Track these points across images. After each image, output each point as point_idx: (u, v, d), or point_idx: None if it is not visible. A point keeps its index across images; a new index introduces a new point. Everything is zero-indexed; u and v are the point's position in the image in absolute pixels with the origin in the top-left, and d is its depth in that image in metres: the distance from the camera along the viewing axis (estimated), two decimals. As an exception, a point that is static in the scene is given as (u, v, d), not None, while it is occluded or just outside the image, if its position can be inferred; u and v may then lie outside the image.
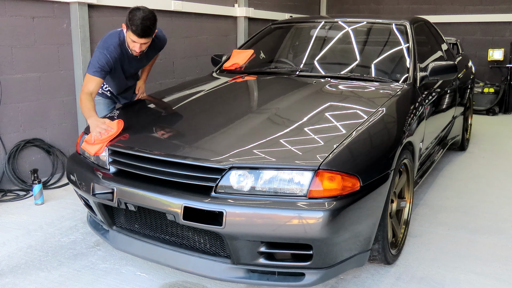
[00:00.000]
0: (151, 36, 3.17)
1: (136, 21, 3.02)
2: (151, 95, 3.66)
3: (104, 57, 3.17)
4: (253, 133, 2.56)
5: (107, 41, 3.24)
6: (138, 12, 3.04)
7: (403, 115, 2.95)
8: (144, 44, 3.17)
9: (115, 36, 3.26)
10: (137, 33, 3.06)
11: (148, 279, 2.69)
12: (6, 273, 2.77)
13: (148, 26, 3.06)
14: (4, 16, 3.92)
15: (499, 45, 8.01)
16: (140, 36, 3.09)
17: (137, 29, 3.04)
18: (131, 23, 3.04)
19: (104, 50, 3.19)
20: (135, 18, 3.02)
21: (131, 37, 3.11)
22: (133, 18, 3.03)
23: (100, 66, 3.15)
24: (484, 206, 3.78)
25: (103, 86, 3.58)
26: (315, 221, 2.09)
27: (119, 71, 3.39)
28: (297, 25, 4.49)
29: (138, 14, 3.03)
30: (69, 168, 2.85)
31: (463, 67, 5.03)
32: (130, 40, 3.15)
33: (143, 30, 3.06)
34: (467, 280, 2.70)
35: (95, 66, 3.15)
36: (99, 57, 3.17)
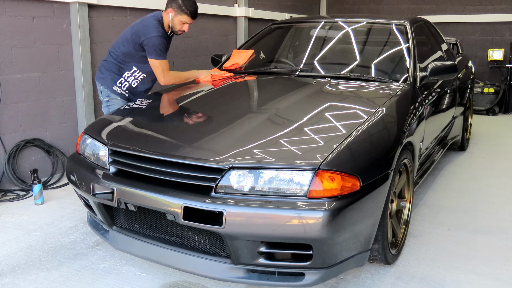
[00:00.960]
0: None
1: (191, 6, 3.61)
2: (151, 95, 3.66)
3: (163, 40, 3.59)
4: (253, 133, 2.56)
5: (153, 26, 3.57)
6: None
7: (403, 115, 2.95)
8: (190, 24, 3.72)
9: (155, 21, 3.60)
10: (192, 15, 3.63)
11: (148, 279, 2.69)
12: (6, 273, 2.78)
13: (197, 9, 3.68)
14: (4, 16, 3.92)
15: (499, 45, 8.01)
16: (193, 18, 3.66)
17: (191, 12, 3.62)
18: (186, 8, 3.58)
19: (158, 33, 3.56)
20: (189, 4, 3.59)
21: (184, 19, 3.62)
22: (187, 4, 3.59)
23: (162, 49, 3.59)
24: (484, 206, 3.78)
25: (121, 86, 3.71)
26: (315, 221, 2.09)
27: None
28: (297, 25, 4.49)
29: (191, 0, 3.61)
30: (69, 168, 2.85)
31: (463, 67, 5.03)
32: (180, 22, 3.63)
33: (196, 13, 3.66)
34: (467, 280, 2.70)
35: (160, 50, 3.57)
36: (158, 42, 3.55)
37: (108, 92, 3.74)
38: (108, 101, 3.76)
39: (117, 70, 3.70)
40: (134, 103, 3.33)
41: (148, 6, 5.06)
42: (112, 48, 3.76)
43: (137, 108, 3.27)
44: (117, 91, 3.72)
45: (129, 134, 2.79)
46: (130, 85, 3.73)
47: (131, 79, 3.70)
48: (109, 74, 3.72)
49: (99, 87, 3.82)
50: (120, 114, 3.14)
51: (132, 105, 3.29)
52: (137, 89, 3.77)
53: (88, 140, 2.83)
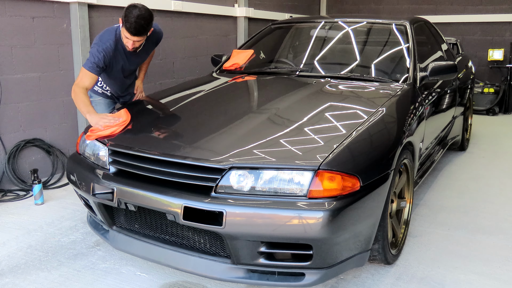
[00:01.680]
0: (145, 34, 3.18)
1: (131, 19, 3.02)
2: (151, 95, 3.66)
3: (99, 54, 3.17)
4: (253, 133, 2.56)
5: (104, 37, 3.24)
6: (134, 10, 3.04)
7: (403, 115, 2.95)
8: (138, 41, 3.18)
9: (111, 33, 3.26)
10: (130, 31, 3.07)
11: (148, 279, 2.69)
12: (6, 273, 2.77)
13: (142, 25, 3.07)
14: (4, 16, 3.92)
15: (499, 45, 8.01)
16: (133, 34, 3.10)
17: (130, 26, 3.05)
18: (126, 20, 3.04)
19: (99, 46, 3.19)
20: (130, 16, 3.02)
21: (125, 33, 3.12)
22: (128, 15, 3.03)
23: (95, 62, 3.15)
24: (484, 206, 3.78)
25: (103, 86, 3.58)
26: (315, 221, 2.09)
27: (116, 68, 3.38)
28: (297, 25, 4.49)
29: (134, 12, 3.03)
30: (69, 168, 2.85)
31: (463, 67, 5.03)
32: (124, 36, 3.16)
33: (136, 29, 3.06)
34: (467, 280, 2.70)
35: (90, 61, 3.16)
36: (94, 54, 3.17)
37: (90, 92, 3.62)
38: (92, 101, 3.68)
39: None
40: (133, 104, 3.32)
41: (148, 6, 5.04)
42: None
43: (137, 108, 3.27)
44: (98, 90, 3.62)
45: (129, 134, 2.79)
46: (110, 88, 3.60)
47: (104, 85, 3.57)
48: None
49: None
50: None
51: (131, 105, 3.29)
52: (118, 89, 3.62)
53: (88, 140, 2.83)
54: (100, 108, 3.63)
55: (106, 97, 3.64)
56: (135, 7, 3.06)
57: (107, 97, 3.65)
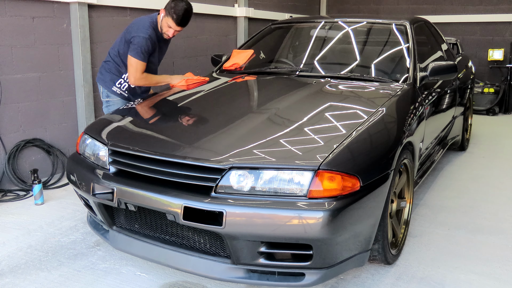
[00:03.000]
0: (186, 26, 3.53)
1: (180, 11, 3.40)
2: (150, 95, 3.66)
3: (147, 41, 3.47)
4: (253, 133, 2.56)
5: (143, 25, 3.50)
6: (181, 3, 3.42)
7: (403, 115, 2.95)
8: (178, 31, 3.56)
9: (148, 22, 3.52)
10: (177, 21, 3.44)
11: (148, 279, 2.69)
12: (6, 273, 2.77)
13: (188, 18, 3.47)
14: (4, 16, 3.92)
15: (499, 45, 8.01)
16: (179, 25, 3.47)
17: (178, 18, 3.43)
18: (174, 11, 3.39)
19: (145, 34, 3.47)
20: (179, 8, 3.40)
21: (170, 23, 3.45)
22: (177, 7, 3.40)
23: (146, 50, 3.48)
24: (484, 206, 3.78)
25: (120, 87, 3.70)
26: (315, 221, 2.09)
27: (154, 56, 3.63)
28: (297, 25, 4.49)
29: (181, 5, 3.41)
30: (69, 168, 2.85)
31: (463, 67, 5.03)
32: (166, 25, 3.48)
33: (183, 20, 3.46)
34: (467, 280, 2.70)
35: (140, 51, 3.46)
36: (142, 42, 3.46)
37: (108, 93, 3.75)
38: (108, 101, 3.77)
39: (115, 71, 3.71)
40: (134, 103, 3.32)
41: (148, 6, 5.06)
42: (111, 48, 3.78)
43: (137, 108, 3.27)
44: (116, 91, 3.73)
45: (129, 134, 2.79)
46: (129, 86, 3.72)
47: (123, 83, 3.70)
48: (108, 75, 3.74)
49: (99, 88, 3.85)
50: (120, 114, 3.14)
51: (132, 105, 3.29)
52: (136, 90, 3.77)
53: (88, 140, 2.83)
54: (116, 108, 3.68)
55: (123, 98, 3.74)
56: (182, 0, 3.43)
57: (124, 98, 3.75)
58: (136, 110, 3.22)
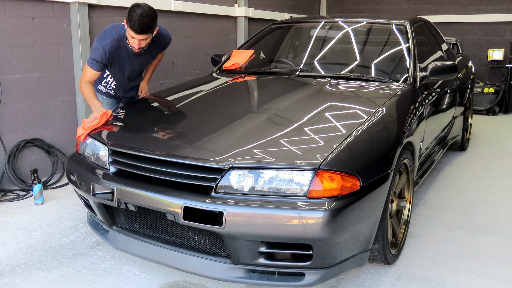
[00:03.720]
0: (150, 33, 3.17)
1: (134, 17, 3.04)
2: (151, 95, 3.66)
3: (98, 50, 3.21)
4: (253, 133, 2.56)
5: (106, 34, 3.28)
6: (137, 9, 3.06)
7: (403, 115, 2.95)
8: (143, 40, 3.19)
9: (114, 31, 3.28)
10: (134, 29, 3.08)
11: (148, 279, 2.69)
12: (6, 273, 2.77)
13: (146, 23, 3.08)
14: (4, 16, 3.92)
15: (499, 45, 8.01)
16: (138, 33, 3.10)
17: (134, 25, 3.06)
18: (130, 19, 3.06)
19: (99, 43, 3.23)
20: (134, 14, 3.04)
21: (130, 33, 3.13)
22: (131, 14, 3.05)
23: (95, 58, 3.22)
24: (484, 206, 3.78)
25: (107, 85, 3.58)
26: (315, 221, 2.09)
27: (118, 67, 3.38)
28: (297, 25, 4.49)
29: (137, 11, 3.05)
30: (69, 168, 2.85)
31: (463, 67, 5.03)
32: (129, 36, 3.17)
33: (141, 27, 3.07)
34: (467, 280, 2.70)
35: (91, 57, 3.23)
36: (94, 49, 3.23)
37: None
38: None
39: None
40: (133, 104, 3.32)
41: (148, 6, 5.06)
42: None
43: (137, 108, 3.27)
44: (102, 90, 3.61)
45: (129, 134, 2.79)
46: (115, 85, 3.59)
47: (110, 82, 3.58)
48: None
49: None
50: (120, 114, 3.14)
51: (132, 105, 3.29)
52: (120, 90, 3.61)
53: (88, 140, 2.83)
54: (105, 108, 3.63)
55: (110, 96, 3.65)
56: (138, 6, 3.09)
57: (111, 97, 3.65)
58: (136, 110, 3.22)
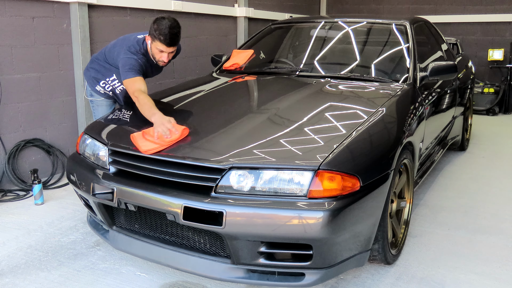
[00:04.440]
0: (178, 43, 3.18)
1: (165, 30, 3.00)
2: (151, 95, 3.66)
3: (136, 61, 3.14)
4: (253, 133, 2.56)
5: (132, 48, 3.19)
6: (164, 21, 3.03)
7: (403, 115, 2.95)
8: (172, 53, 3.18)
9: (136, 45, 3.22)
10: (166, 42, 3.05)
11: (148, 279, 2.69)
12: (6, 273, 2.77)
13: (176, 34, 3.07)
14: (4, 16, 3.92)
15: (499, 45, 8.01)
16: (169, 45, 3.09)
17: (166, 38, 3.03)
18: (159, 33, 3.01)
19: (135, 56, 3.16)
20: (163, 28, 3.00)
21: (159, 47, 3.09)
22: (160, 28, 3.01)
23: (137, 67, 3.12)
24: (484, 206, 3.78)
25: (105, 86, 3.56)
26: (315, 221, 2.09)
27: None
28: (297, 25, 4.49)
29: (165, 23, 3.01)
30: (69, 168, 2.85)
31: (463, 67, 5.03)
32: (157, 50, 3.12)
33: (172, 39, 3.06)
34: (467, 280, 2.70)
35: (133, 69, 3.11)
36: (132, 62, 3.13)
37: (91, 92, 3.63)
38: (92, 101, 3.66)
39: (101, 71, 3.54)
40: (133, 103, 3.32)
41: (148, 6, 5.06)
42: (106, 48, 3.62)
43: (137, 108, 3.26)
44: (100, 91, 3.59)
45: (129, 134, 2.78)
46: (114, 90, 3.56)
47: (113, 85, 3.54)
48: (94, 72, 3.56)
49: (84, 83, 3.71)
50: (120, 114, 3.14)
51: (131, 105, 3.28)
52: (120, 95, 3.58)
53: (88, 140, 2.83)
54: (102, 109, 3.62)
55: (108, 97, 3.62)
56: (163, 18, 3.05)
57: (108, 97, 3.63)
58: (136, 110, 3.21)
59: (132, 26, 4.93)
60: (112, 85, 3.56)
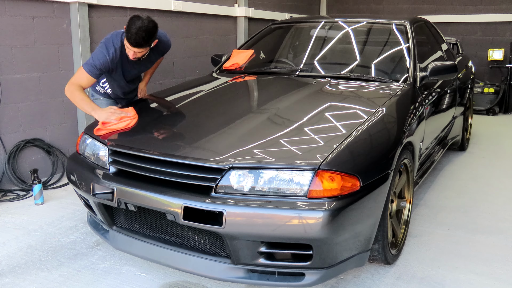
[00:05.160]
0: (146, 46, 3.12)
1: (132, 30, 2.98)
2: (151, 95, 3.66)
3: (102, 58, 3.13)
4: (253, 133, 2.56)
5: (110, 41, 3.20)
6: (137, 21, 2.99)
7: (403, 115, 2.95)
8: (139, 52, 3.15)
9: (117, 37, 3.22)
10: (130, 41, 3.04)
11: (148, 279, 2.69)
12: (6, 273, 2.77)
13: (142, 37, 3.01)
14: (4, 16, 3.92)
15: (499, 45, 8.01)
16: (133, 46, 3.06)
17: (130, 37, 3.01)
18: (127, 31, 3.02)
19: (104, 50, 3.15)
20: (132, 27, 2.98)
21: (126, 43, 3.11)
22: (130, 26, 2.99)
23: (96, 65, 3.12)
24: (484, 206, 3.78)
25: (105, 86, 3.56)
26: (315, 221, 2.09)
27: (119, 73, 3.36)
28: (297, 25, 4.49)
29: (137, 23, 2.98)
30: (69, 168, 2.85)
31: (463, 67, 5.03)
32: (126, 44, 3.13)
33: (136, 41, 3.02)
34: (467, 280, 2.70)
35: (91, 64, 3.12)
36: (98, 56, 3.14)
37: (92, 92, 3.64)
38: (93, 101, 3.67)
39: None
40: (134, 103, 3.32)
41: (148, 6, 5.06)
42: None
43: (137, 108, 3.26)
44: (100, 90, 3.59)
45: (129, 134, 2.79)
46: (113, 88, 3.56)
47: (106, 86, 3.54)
48: None
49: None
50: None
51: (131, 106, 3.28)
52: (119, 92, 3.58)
53: (88, 140, 2.83)
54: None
55: (108, 97, 3.62)
56: (139, 18, 3.01)
57: (109, 97, 3.63)
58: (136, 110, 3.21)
59: (132, 26, 4.93)
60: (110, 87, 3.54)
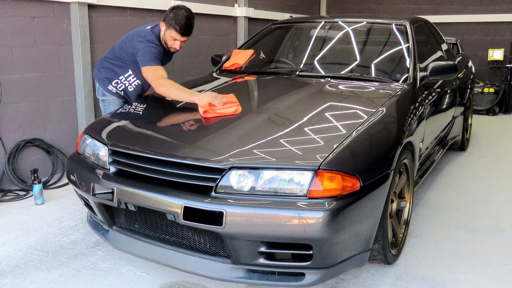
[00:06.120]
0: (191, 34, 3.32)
1: (181, 21, 3.18)
2: (151, 95, 3.66)
3: (155, 51, 3.27)
4: (253, 133, 2.56)
5: (148, 38, 3.31)
6: (181, 11, 3.20)
7: (403, 115, 2.95)
8: (184, 42, 3.34)
9: (151, 34, 3.34)
10: (182, 32, 3.23)
11: (148, 279, 2.69)
12: (6, 273, 2.77)
13: (191, 25, 3.25)
14: (4, 16, 3.92)
15: (499, 45, 8.01)
16: (184, 35, 3.26)
17: (181, 28, 3.21)
18: (175, 23, 3.19)
19: (151, 45, 3.28)
20: (179, 18, 3.18)
21: (173, 35, 3.26)
22: (176, 18, 3.19)
23: (157, 57, 3.26)
24: (484, 206, 3.78)
25: (117, 86, 3.57)
26: (315, 221, 2.09)
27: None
28: (297, 25, 4.49)
29: (182, 13, 3.19)
30: (69, 168, 2.85)
31: (463, 67, 5.03)
32: (170, 38, 3.29)
33: (187, 29, 3.24)
34: (467, 280, 2.70)
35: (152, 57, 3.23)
36: (151, 50, 3.25)
37: (103, 91, 3.65)
38: (104, 100, 3.67)
39: (114, 70, 3.57)
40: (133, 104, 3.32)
41: (148, 6, 5.06)
42: (114, 46, 3.63)
43: (137, 108, 3.26)
44: (112, 90, 3.60)
45: (129, 134, 2.79)
46: (126, 88, 3.60)
47: (126, 83, 3.58)
48: (106, 72, 3.59)
49: (96, 84, 3.73)
50: (120, 114, 3.14)
51: (132, 105, 3.29)
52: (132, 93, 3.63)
53: (88, 140, 2.83)
54: (113, 108, 3.61)
55: (119, 97, 3.63)
56: (180, 8, 3.21)
57: (120, 97, 3.64)
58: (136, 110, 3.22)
59: (132, 26, 4.92)
60: (125, 84, 3.57)
